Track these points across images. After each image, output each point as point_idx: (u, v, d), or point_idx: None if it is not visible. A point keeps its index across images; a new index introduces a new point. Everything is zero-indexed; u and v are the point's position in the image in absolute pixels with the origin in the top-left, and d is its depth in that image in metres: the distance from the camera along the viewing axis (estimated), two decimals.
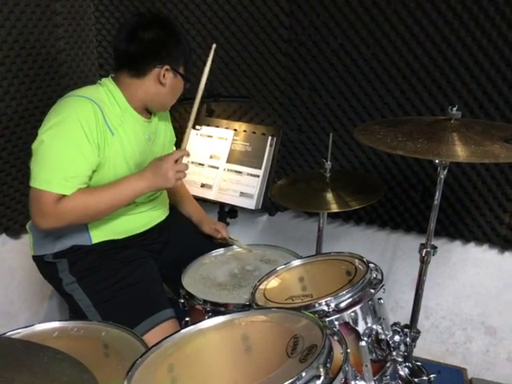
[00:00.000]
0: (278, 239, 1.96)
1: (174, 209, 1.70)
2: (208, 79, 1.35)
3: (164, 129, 1.58)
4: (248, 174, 1.83)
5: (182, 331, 0.90)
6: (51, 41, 1.80)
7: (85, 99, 1.29)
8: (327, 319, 0.94)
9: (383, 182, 1.80)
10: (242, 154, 1.86)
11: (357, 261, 1.12)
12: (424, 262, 1.31)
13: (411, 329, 1.36)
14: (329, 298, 0.96)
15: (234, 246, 1.55)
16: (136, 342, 1.10)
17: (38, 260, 1.43)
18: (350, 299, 0.97)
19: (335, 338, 0.80)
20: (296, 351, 0.75)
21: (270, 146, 1.82)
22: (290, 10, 1.78)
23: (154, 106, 1.45)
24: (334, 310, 0.94)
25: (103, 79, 1.41)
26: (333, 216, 2.00)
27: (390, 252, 2.04)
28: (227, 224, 2.00)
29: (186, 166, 1.35)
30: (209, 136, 1.93)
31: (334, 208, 1.43)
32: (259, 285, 1.12)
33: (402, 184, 1.84)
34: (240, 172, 1.84)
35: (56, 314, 2.05)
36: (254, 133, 1.86)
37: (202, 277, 1.40)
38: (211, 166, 1.90)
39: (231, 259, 1.49)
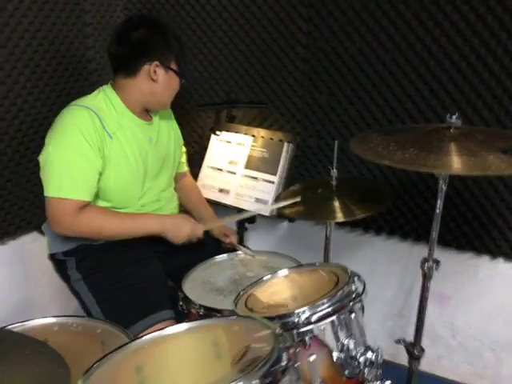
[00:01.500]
0: (298, 247, 1.94)
1: (185, 212, 1.74)
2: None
3: (167, 131, 1.62)
4: (264, 179, 1.83)
5: (150, 335, 0.92)
6: (80, 38, 1.89)
7: (82, 108, 1.38)
8: (299, 330, 0.92)
9: (402, 190, 1.73)
10: (259, 160, 1.86)
11: (341, 271, 1.08)
12: (426, 277, 1.24)
13: (415, 346, 1.29)
14: (302, 309, 0.94)
15: (240, 252, 1.56)
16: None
17: (52, 258, 1.53)
18: (324, 311, 0.94)
19: (291, 350, 0.78)
20: (241, 361, 0.74)
21: (286, 152, 1.81)
22: (308, 15, 1.77)
23: (152, 104, 1.51)
24: (304, 322, 0.92)
25: (103, 86, 1.49)
26: (351, 225, 1.96)
27: (413, 264, 1.95)
28: (245, 229, 2.02)
29: (202, 232, 1.50)
30: (228, 142, 1.96)
31: (340, 218, 1.39)
32: (243, 294, 1.12)
33: (423, 194, 1.76)
34: (256, 178, 1.85)
35: None
36: (272, 139, 1.86)
37: (203, 281, 1.42)
38: (229, 172, 1.92)
39: (235, 265, 1.50)
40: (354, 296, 0.98)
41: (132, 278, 1.43)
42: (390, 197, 1.43)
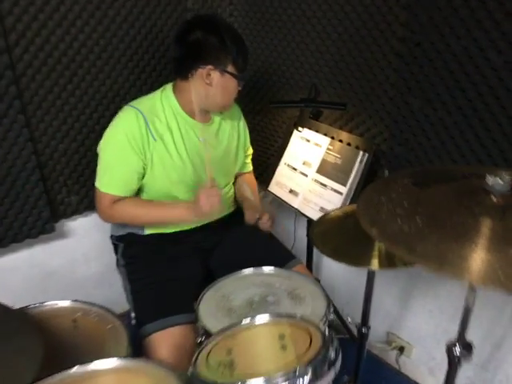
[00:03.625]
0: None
1: (239, 213, 1.69)
2: None
3: (230, 132, 1.58)
4: (332, 188, 1.67)
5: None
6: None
7: (133, 110, 1.41)
8: None
9: None
10: (332, 166, 1.69)
11: (317, 334, 0.92)
12: (452, 366, 0.97)
13: None
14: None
15: (272, 270, 1.45)
16: None
17: (111, 239, 1.65)
18: None
19: None
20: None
21: (360, 162, 1.60)
22: (407, 2, 1.46)
23: (209, 106, 1.48)
24: None
25: (167, 85, 1.50)
26: None
27: (509, 314, 1.58)
28: None
29: (217, 192, 1.36)
30: (307, 140, 1.82)
31: (375, 264, 1.18)
32: (213, 339, 1.03)
33: None
34: (325, 185, 1.70)
35: None
36: (349, 144, 1.66)
37: (223, 295, 1.37)
38: (302, 173, 1.80)
39: (261, 284, 1.40)
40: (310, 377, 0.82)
41: (164, 275, 1.45)
42: None
